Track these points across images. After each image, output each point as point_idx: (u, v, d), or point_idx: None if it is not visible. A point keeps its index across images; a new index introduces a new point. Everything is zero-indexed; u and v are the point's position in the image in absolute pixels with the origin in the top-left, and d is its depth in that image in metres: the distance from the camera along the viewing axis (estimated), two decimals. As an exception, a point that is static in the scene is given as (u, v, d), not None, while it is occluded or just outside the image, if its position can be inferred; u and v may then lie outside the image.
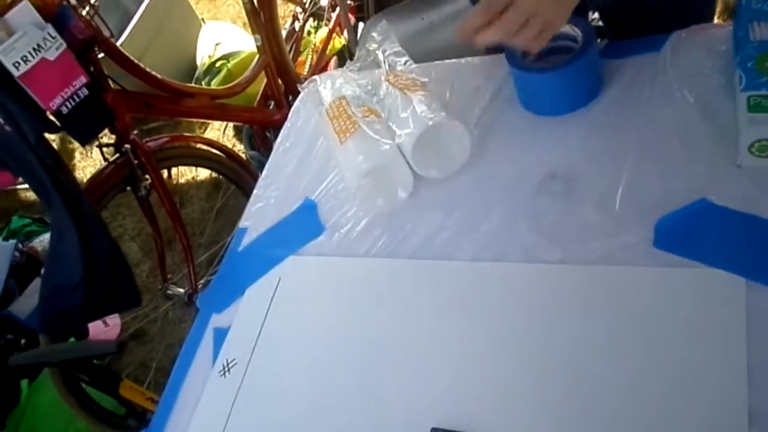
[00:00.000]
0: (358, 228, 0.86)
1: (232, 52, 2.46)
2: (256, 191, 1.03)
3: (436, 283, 0.75)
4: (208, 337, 0.87)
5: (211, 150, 1.85)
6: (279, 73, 2.06)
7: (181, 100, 1.76)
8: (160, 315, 1.99)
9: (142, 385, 1.73)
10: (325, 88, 0.95)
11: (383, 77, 0.90)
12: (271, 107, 2.13)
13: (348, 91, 0.92)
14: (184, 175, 2.50)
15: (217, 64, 2.45)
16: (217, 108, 1.90)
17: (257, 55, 2.00)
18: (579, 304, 0.65)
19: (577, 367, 0.61)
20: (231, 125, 2.60)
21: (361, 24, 2.22)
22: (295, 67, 2.19)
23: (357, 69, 0.98)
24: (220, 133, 2.61)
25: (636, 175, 0.72)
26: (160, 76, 1.67)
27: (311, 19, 2.42)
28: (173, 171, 1.74)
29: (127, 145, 1.50)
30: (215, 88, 2.25)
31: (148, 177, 1.58)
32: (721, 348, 0.56)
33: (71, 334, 1.79)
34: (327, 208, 0.91)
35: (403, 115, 0.82)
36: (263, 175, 1.05)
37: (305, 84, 1.01)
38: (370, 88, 0.94)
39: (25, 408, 1.76)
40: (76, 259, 1.26)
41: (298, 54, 2.31)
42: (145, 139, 1.59)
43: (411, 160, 0.82)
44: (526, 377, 0.63)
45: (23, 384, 1.79)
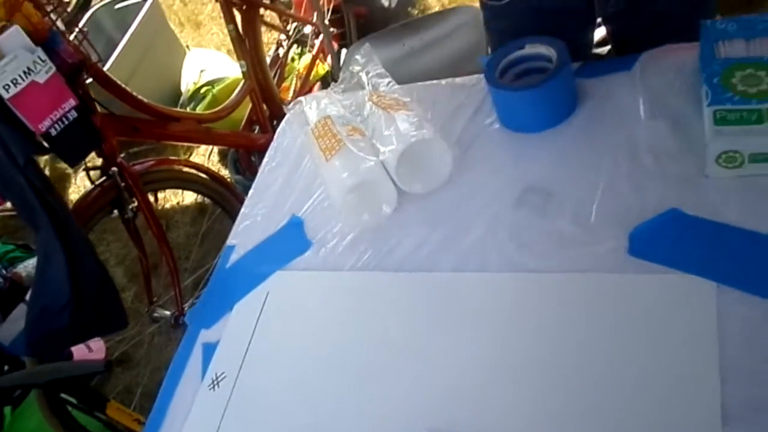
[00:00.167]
0: (344, 243, 0.87)
1: (216, 78, 2.48)
2: (243, 210, 1.04)
3: (422, 294, 0.77)
4: (197, 353, 0.87)
5: (198, 173, 1.86)
6: (264, 99, 2.09)
7: (168, 124, 1.78)
8: (146, 338, 1.98)
9: (127, 410, 1.71)
10: (310, 108, 0.98)
11: (367, 97, 0.93)
12: (255, 132, 2.15)
13: (333, 111, 0.94)
14: (169, 200, 2.51)
15: (202, 90, 2.47)
16: (202, 132, 1.91)
17: (242, 81, 2.03)
18: (558, 310, 0.67)
19: (557, 369, 0.63)
20: (216, 150, 2.61)
21: (344, 51, 2.26)
22: (279, 92, 2.22)
23: (341, 90, 1.01)
24: (205, 158, 2.62)
25: (610, 187, 0.75)
26: (146, 100, 1.69)
27: (295, 46, 2.46)
28: (159, 195, 1.75)
29: (114, 168, 1.51)
30: (201, 112, 2.27)
31: (135, 200, 1.59)
32: (694, 349, 0.59)
33: (56, 359, 1.77)
34: (313, 224, 0.93)
35: (387, 132, 0.84)
36: (250, 194, 1.06)
37: (291, 105, 1.04)
38: (354, 108, 0.96)
39: (8, 435, 1.73)
40: (63, 280, 1.26)
41: (282, 80, 2.35)
42: (131, 162, 1.61)
43: (395, 176, 0.84)
44: (508, 382, 0.64)
45: (6, 411, 1.76)
